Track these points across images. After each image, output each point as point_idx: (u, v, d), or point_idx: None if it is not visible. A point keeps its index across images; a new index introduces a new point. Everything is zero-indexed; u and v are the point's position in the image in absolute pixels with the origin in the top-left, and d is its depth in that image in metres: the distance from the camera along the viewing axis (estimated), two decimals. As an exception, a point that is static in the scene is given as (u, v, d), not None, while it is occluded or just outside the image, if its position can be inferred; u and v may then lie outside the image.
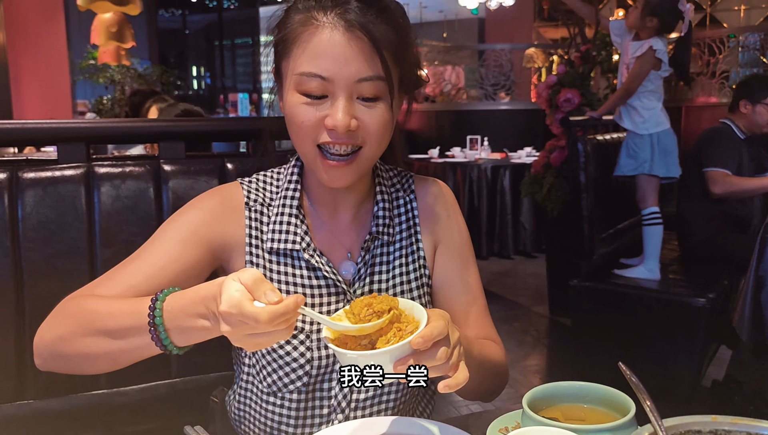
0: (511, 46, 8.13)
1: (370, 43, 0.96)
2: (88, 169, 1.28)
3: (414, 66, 1.08)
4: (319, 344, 1.06)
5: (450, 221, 1.21)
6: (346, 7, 0.97)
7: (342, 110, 0.96)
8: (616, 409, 0.86)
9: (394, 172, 1.22)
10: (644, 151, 3.23)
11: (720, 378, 3.16)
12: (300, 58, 0.98)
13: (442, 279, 1.18)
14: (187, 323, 0.83)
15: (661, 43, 3.16)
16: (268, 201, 1.12)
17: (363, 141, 1.00)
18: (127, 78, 7.13)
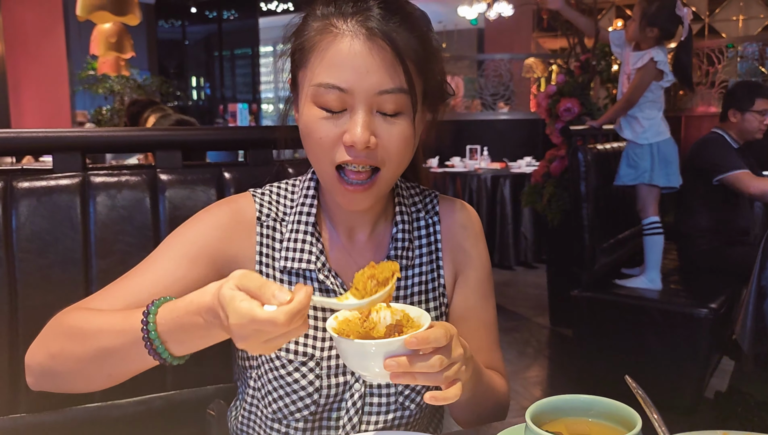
0: (511, 56, 8.15)
1: (393, 52, 0.90)
2: (84, 179, 1.26)
3: (439, 78, 1.02)
4: (329, 372, 1.02)
5: (475, 251, 1.15)
6: (367, 14, 0.91)
7: (361, 125, 0.90)
8: (622, 423, 0.84)
9: (416, 191, 1.16)
10: (644, 161, 3.23)
11: (723, 389, 3.13)
12: (318, 68, 0.92)
13: (460, 311, 1.13)
14: (184, 335, 0.81)
15: (661, 54, 3.16)
16: (281, 216, 1.07)
17: (382, 161, 0.94)
18: (126, 88, 7.15)
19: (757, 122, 3.41)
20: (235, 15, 17.22)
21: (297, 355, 1.01)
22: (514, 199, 6.04)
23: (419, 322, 0.85)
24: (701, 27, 8.35)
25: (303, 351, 1.01)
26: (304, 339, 1.02)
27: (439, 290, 1.11)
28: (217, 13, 17.04)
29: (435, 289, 1.11)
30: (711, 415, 2.97)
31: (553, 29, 9.28)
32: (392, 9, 0.93)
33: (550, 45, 10.40)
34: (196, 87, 17.49)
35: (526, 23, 10.13)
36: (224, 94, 17.43)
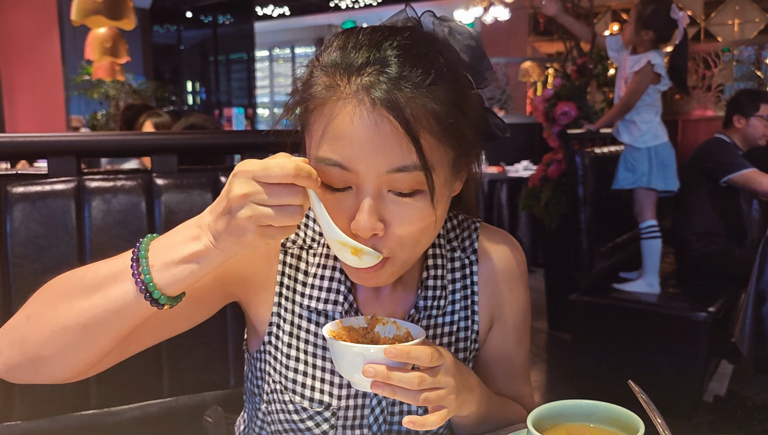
0: (507, 60, 8.17)
1: (402, 127, 0.73)
2: (79, 183, 1.25)
3: (473, 135, 0.83)
4: (345, 423, 0.95)
5: (514, 295, 1.02)
6: (378, 72, 0.75)
7: (366, 211, 0.76)
8: (624, 429, 0.83)
9: (453, 224, 1.02)
10: (642, 165, 3.23)
11: (722, 393, 3.13)
12: (318, 138, 0.78)
13: (493, 356, 1.03)
14: (176, 253, 0.72)
15: (658, 57, 3.17)
16: (309, 242, 0.96)
17: (390, 249, 0.80)
18: (121, 93, 7.13)
19: (762, 127, 3.43)
20: (230, 20, 17.23)
21: (312, 403, 0.94)
22: (511, 203, 6.03)
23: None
24: (697, 31, 8.38)
25: (319, 399, 0.94)
26: (321, 385, 0.94)
27: (471, 338, 1.00)
28: (212, 18, 17.05)
29: (467, 338, 1.00)
30: (710, 419, 2.96)
31: (550, 33, 9.32)
32: (414, 60, 0.76)
33: (547, 49, 10.42)
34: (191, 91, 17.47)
35: (522, 27, 10.15)
36: (220, 99, 17.43)
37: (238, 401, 1.17)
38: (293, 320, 0.95)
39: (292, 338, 0.95)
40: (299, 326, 0.95)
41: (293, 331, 0.95)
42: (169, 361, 1.27)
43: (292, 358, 0.95)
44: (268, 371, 0.97)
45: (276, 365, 0.96)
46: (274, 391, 0.96)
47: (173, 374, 1.28)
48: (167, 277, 0.73)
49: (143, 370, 1.27)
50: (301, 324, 0.95)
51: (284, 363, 0.95)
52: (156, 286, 0.73)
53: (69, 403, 1.24)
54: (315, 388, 0.95)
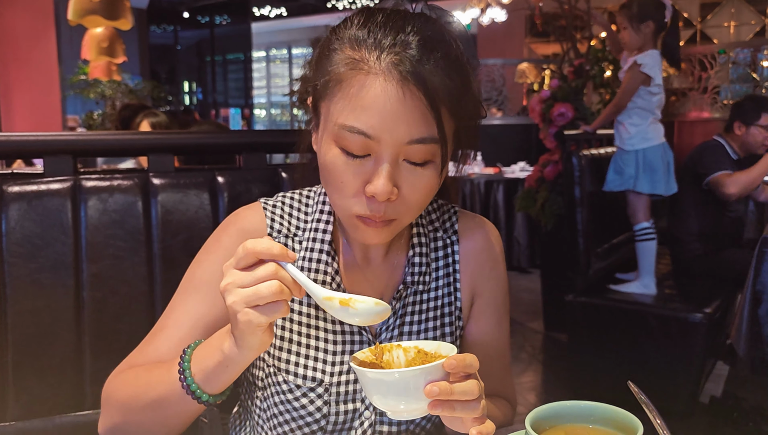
0: (503, 61, 8.17)
1: (426, 100, 0.82)
2: (75, 183, 1.25)
3: (473, 114, 0.94)
4: (338, 398, 0.98)
5: (494, 274, 1.09)
6: (404, 52, 0.82)
7: (385, 176, 0.83)
8: (623, 430, 0.82)
9: (434, 207, 1.10)
10: (629, 168, 3.23)
11: (718, 394, 3.13)
12: (343, 107, 0.84)
13: (475, 336, 1.08)
14: (209, 362, 0.82)
15: (648, 58, 3.14)
16: (294, 230, 1.02)
17: (399, 213, 0.88)
18: (118, 93, 7.11)
19: (762, 137, 3.43)
20: (227, 20, 17.22)
21: (305, 380, 0.97)
22: (507, 204, 6.04)
23: (439, 353, 0.82)
24: (693, 33, 8.40)
25: (312, 376, 0.98)
26: (314, 363, 0.98)
27: (455, 314, 1.06)
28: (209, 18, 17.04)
29: (451, 314, 1.05)
30: (706, 420, 2.96)
31: (546, 34, 9.33)
32: (432, 44, 0.84)
33: (543, 50, 10.43)
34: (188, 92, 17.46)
35: (518, 28, 10.16)
36: (216, 99, 17.42)
37: (233, 401, 1.17)
38: None
39: (285, 321, 0.99)
40: (291, 309, 0.99)
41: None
42: (165, 361, 1.27)
43: (285, 340, 0.99)
44: (262, 357, 1.00)
45: (269, 349, 0.99)
46: (268, 375, 0.99)
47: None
48: (208, 385, 0.84)
49: (139, 370, 1.26)
50: (293, 307, 0.99)
51: (277, 346, 0.99)
52: (203, 391, 0.85)
53: (64, 404, 1.23)
54: (307, 366, 0.98)
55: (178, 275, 1.26)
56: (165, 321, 0.99)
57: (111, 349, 1.23)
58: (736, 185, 3.26)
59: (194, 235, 1.29)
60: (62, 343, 1.21)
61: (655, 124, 3.25)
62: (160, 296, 1.27)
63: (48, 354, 1.20)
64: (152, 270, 1.26)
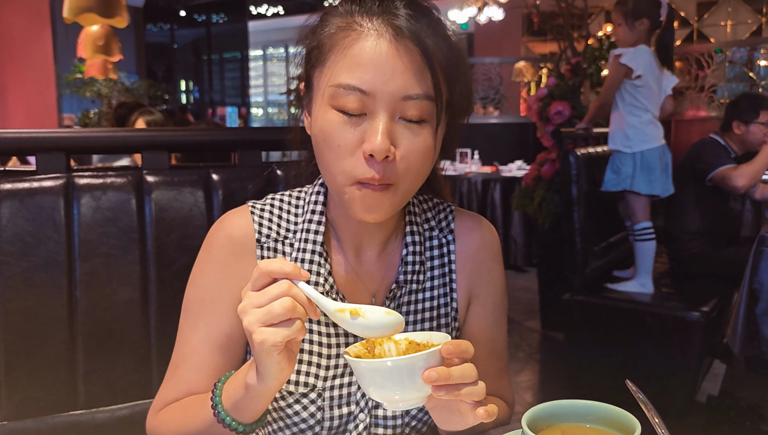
0: (500, 60, 8.17)
1: (421, 55, 0.83)
2: (68, 180, 1.23)
3: (465, 90, 0.94)
4: (332, 403, 0.97)
5: (491, 274, 1.07)
6: (394, 13, 0.84)
7: (381, 132, 0.83)
8: (621, 429, 0.82)
9: (429, 205, 1.09)
10: (626, 167, 3.21)
11: (715, 393, 3.13)
12: (337, 68, 0.85)
13: (473, 337, 1.06)
14: (237, 394, 0.83)
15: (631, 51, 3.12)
16: (284, 233, 1.00)
17: (399, 176, 0.86)
18: (114, 92, 7.09)
19: (761, 134, 3.42)
20: (224, 19, 17.19)
21: (298, 386, 0.96)
22: (504, 203, 6.03)
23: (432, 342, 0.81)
24: (690, 32, 8.42)
25: (304, 381, 0.96)
26: (306, 368, 0.97)
27: (451, 315, 1.04)
28: (206, 17, 17.01)
29: (447, 314, 1.04)
30: (703, 419, 2.96)
31: (543, 33, 9.33)
32: (420, 11, 0.86)
33: (540, 49, 10.44)
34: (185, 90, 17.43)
35: (516, 27, 10.16)
36: (213, 98, 17.39)
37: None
38: None
39: None
40: None
41: None
42: (159, 360, 1.26)
43: None
44: None
45: None
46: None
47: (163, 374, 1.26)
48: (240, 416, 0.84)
49: (132, 369, 1.25)
50: None
51: None
52: (238, 422, 0.85)
53: (56, 403, 1.22)
54: (300, 371, 0.96)
55: (173, 273, 1.26)
56: (182, 350, 0.99)
57: (104, 349, 1.22)
58: (743, 177, 3.26)
59: (189, 233, 1.28)
60: (55, 342, 1.20)
61: (654, 123, 3.21)
62: (154, 295, 1.26)
63: (40, 353, 1.19)
64: (146, 268, 1.25)
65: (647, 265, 3.23)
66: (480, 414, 0.77)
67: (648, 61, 3.13)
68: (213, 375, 0.97)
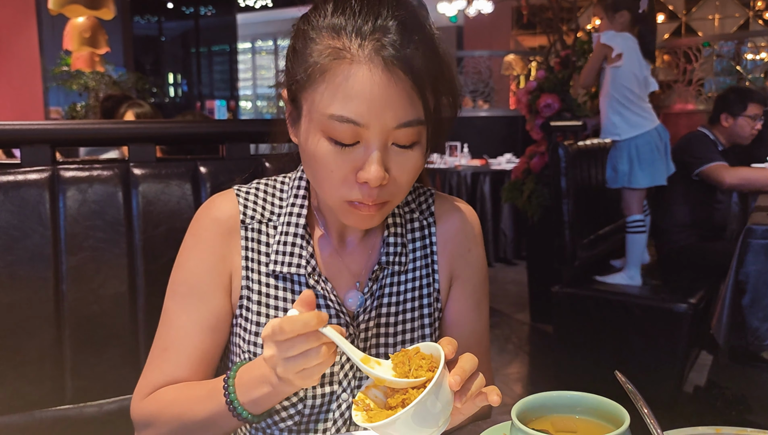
0: (490, 53, 8.17)
1: (412, 83, 0.83)
2: (53, 173, 1.22)
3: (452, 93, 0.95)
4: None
5: (471, 256, 1.09)
6: (384, 38, 0.83)
7: (377, 162, 0.84)
8: (610, 420, 0.82)
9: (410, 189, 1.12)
10: (622, 164, 3.22)
11: (701, 383, 3.16)
12: (329, 97, 0.84)
13: (453, 318, 1.08)
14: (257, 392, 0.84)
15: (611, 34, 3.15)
16: (267, 215, 1.02)
17: (391, 196, 0.89)
18: (101, 84, 7.01)
19: (749, 127, 3.46)
20: (212, 11, 17.07)
21: None
22: (493, 196, 6.05)
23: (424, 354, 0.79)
24: (678, 25, 8.45)
25: None
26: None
27: (433, 296, 1.06)
28: (194, 9, 16.88)
29: (430, 295, 1.06)
30: (690, 409, 2.99)
31: (533, 26, 9.33)
32: (410, 27, 0.85)
33: (529, 42, 10.44)
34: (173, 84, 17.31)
35: (505, 20, 10.15)
36: (201, 91, 17.28)
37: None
38: (260, 289, 0.99)
39: (261, 306, 0.99)
40: (267, 294, 0.99)
41: (261, 300, 0.99)
42: (147, 354, 1.24)
43: (261, 326, 0.98)
44: (238, 343, 1.00)
45: (245, 336, 0.99)
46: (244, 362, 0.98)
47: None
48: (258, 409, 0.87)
49: (120, 363, 1.24)
50: (269, 292, 0.99)
51: (253, 331, 0.99)
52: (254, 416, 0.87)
53: (44, 398, 1.21)
54: None
55: (160, 267, 1.25)
56: (169, 333, 0.99)
57: (91, 343, 1.21)
58: (733, 178, 3.29)
59: (176, 226, 1.27)
60: (42, 336, 1.19)
61: (640, 107, 3.20)
62: (141, 288, 1.25)
63: (27, 348, 1.18)
64: (133, 262, 1.24)
65: (636, 257, 3.25)
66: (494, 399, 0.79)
67: (630, 45, 3.15)
68: (201, 357, 0.98)
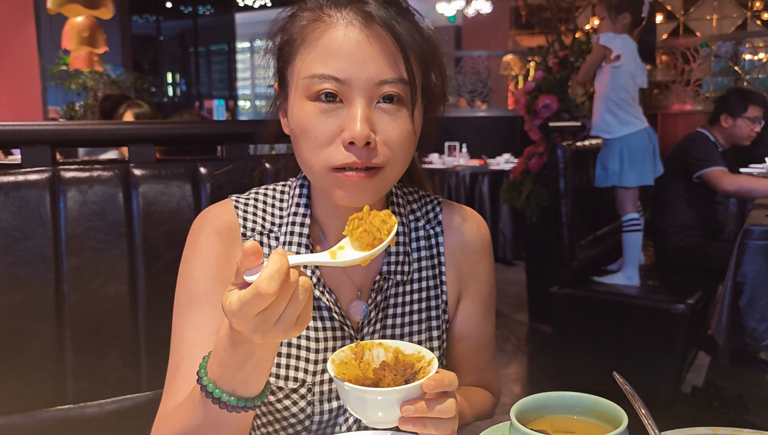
0: (488, 53, 8.17)
1: (393, 40, 0.84)
2: (54, 174, 1.22)
3: (440, 77, 0.94)
4: (322, 398, 0.96)
5: (480, 268, 1.06)
6: (363, 1, 0.85)
7: (360, 119, 0.82)
8: (608, 421, 0.82)
9: (414, 197, 1.07)
10: (613, 163, 3.26)
11: (699, 384, 3.17)
12: (310, 59, 0.85)
13: (462, 330, 1.06)
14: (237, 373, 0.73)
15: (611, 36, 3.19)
16: (269, 227, 0.99)
17: (385, 159, 0.86)
18: (99, 84, 7.00)
19: (749, 129, 3.48)
20: (211, 10, 17.05)
21: (287, 381, 0.95)
22: (492, 196, 6.05)
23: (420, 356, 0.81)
24: (676, 26, 8.45)
25: (294, 376, 0.95)
26: (296, 363, 0.95)
27: (441, 307, 1.03)
28: (192, 9, 16.86)
29: (438, 307, 1.03)
30: (687, 410, 2.99)
31: (531, 26, 9.33)
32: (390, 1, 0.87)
33: (527, 42, 10.44)
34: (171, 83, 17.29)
35: (503, 20, 10.16)
36: (200, 91, 17.27)
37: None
38: None
39: None
40: None
41: None
42: (147, 354, 1.25)
43: None
44: None
45: None
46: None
47: (152, 368, 1.26)
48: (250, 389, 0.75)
49: (121, 364, 1.24)
50: None
51: None
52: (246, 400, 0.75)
53: (45, 399, 1.21)
54: (289, 366, 0.95)
55: (161, 267, 1.25)
56: (180, 347, 0.94)
57: (92, 343, 1.22)
58: (733, 186, 3.31)
59: (176, 226, 1.27)
60: (43, 337, 1.19)
61: (633, 107, 3.24)
62: (142, 289, 1.25)
63: (28, 349, 1.18)
64: (134, 262, 1.24)
65: (634, 256, 3.26)
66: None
67: (628, 47, 3.19)
68: None
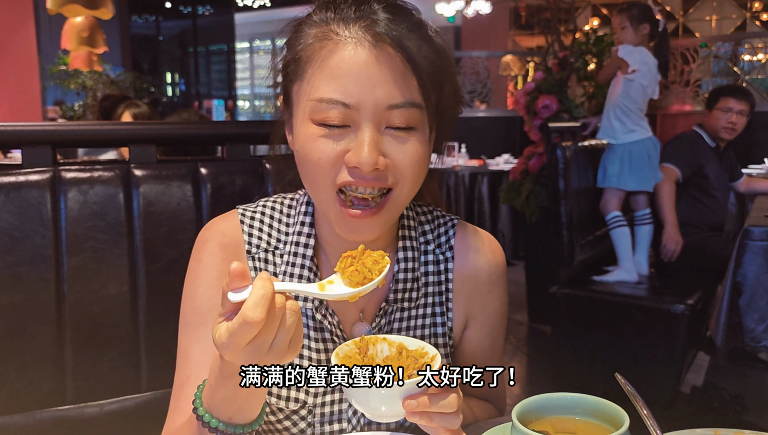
0: (488, 53, 8.17)
1: (404, 61, 0.79)
2: (54, 174, 1.22)
3: (453, 90, 0.89)
4: (323, 419, 0.94)
5: (491, 296, 1.02)
6: (372, 18, 0.79)
7: (368, 144, 0.78)
8: (609, 422, 0.82)
9: (428, 218, 1.02)
10: (613, 165, 3.34)
11: (699, 384, 3.17)
12: (316, 81, 0.80)
13: (466, 358, 1.02)
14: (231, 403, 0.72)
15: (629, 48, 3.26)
16: (274, 243, 0.96)
17: (394, 181, 0.82)
18: (99, 84, 7.00)
19: (723, 120, 3.50)
20: (210, 10, 17.06)
21: (288, 402, 0.93)
22: (491, 197, 6.05)
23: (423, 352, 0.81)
24: (675, 26, 8.47)
25: (294, 397, 0.93)
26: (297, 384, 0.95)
27: (447, 335, 0.99)
28: (191, 9, 16.86)
29: (445, 334, 0.99)
30: (687, 410, 3.00)
31: (531, 27, 9.33)
32: (400, 14, 0.82)
33: (527, 43, 10.45)
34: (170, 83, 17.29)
35: (503, 21, 10.17)
36: (199, 91, 17.27)
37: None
38: None
39: None
40: None
41: None
42: (147, 354, 1.25)
43: None
44: None
45: None
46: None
47: (151, 368, 1.26)
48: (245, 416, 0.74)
49: (120, 364, 1.24)
50: None
51: None
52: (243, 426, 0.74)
53: (45, 399, 1.21)
54: (290, 387, 0.93)
55: (161, 268, 1.25)
56: (186, 368, 0.92)
57: (92, 343, 1.22)
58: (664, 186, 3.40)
59: (177, 227, 1.27)
60: (43, 337, 1.19)
61: (640, 117, 3.33)
62: (142, 289, 1.25)
63: (28, 349, 1.18)
64: (134, 263, 1.24)
65: (626, 251, 3.30)
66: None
67: (645, 59, 3.27)
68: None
